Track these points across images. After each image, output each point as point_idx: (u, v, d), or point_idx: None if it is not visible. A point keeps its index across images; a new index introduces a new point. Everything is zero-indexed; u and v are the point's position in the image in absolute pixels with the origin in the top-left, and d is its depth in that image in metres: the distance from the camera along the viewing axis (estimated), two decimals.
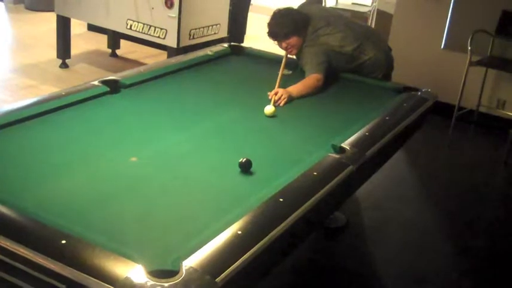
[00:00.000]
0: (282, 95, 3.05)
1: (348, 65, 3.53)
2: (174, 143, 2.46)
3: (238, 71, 3.64)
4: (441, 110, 3.77)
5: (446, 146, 5.03)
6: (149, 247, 1.69)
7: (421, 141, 4.65)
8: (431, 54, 5.49)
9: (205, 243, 1.66)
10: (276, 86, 3.16)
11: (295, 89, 3.20)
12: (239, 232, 1.75)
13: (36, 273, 1.55)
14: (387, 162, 3.04)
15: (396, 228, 3.61)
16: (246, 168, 2.22)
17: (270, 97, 3.03)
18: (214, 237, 1.70)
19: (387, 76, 3.68)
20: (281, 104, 3.02)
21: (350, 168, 2.30)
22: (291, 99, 3.10)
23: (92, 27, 6.78)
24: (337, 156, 2.36)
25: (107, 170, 2.15)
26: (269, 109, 2.84)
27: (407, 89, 3.39)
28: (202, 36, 5.06)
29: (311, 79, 3.30)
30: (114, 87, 2.92)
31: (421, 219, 3.79)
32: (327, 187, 2.13)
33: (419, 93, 3.33)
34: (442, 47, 5.45)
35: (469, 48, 4.89)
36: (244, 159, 2.21)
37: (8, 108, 2.55)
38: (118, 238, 1.71)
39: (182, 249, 1.65)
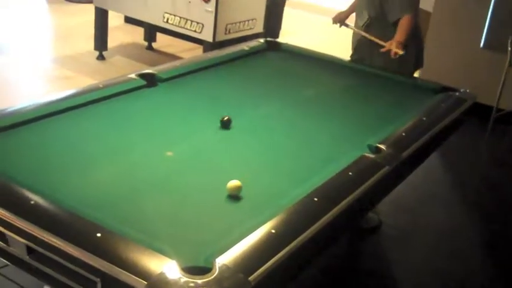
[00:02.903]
0: (395, 46, 3.36)
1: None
2: (209, 139, 2.47)
3: (274, 66, 3.62)
4: (479, 111, 3.70)
5: (484, 148, 4.94)
6: (183, 243, 1.70)
7: (458, 143, 4.57)
8: (470, 54, 5.39)
9: (239, 241, 1.66)
10: (383, 43, 3.46)
11: (401, 36, 3.44)
12: (273, 231, 1.74)
13: (71, 266, 1.57)
14: (423, 163, 3.00)
15: (428, 232, 3.56)
16: (226, 125, 2.51)
17: (384, 50, 3.40)
18: (248, 235, 1.69)
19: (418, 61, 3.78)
20: (399, 53, 3.37)
21: (386, 169, 2.28)
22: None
23: (129, 20, 6.83)
24: (372, 156, 2.33)
25: (143, 164, 2.16)
26: (233, 183, 2.01)
27: (445, 89, 3.33)
28: (238, 31, 5.06)
29: (408, 22, 3.48)
30: (150, 80, 2.93)
31: (454, 223, 3.74)
32: (362, 187, 2.11)
33: (457, 93, 3.27)
34: (481, 46, 5.35)
35: (509, 48, 4.78)
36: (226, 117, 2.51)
37: (47, 99, 2.58)
38: (152, 233, 1.72)
39: (215, 246, 1.65)
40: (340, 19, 3.93)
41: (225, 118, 2.53)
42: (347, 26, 3.92)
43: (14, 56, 5.72)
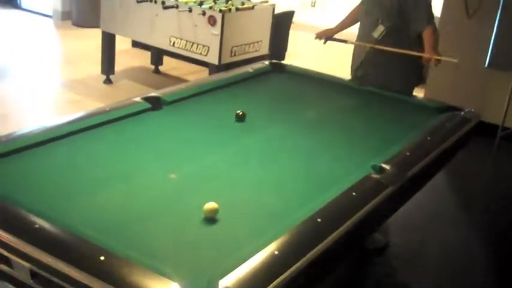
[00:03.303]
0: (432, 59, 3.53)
1: None
2: (213, 161, 2.47)
3: (278, 88, 3.64)
4: (485, 130, 3.70)
5: (490, 167, 4.93)
6: (186, 265, 1.70)
7: (464, 162, 4.55)
8: (475, 73, 5.39)
9: (242, 263, 1.66)
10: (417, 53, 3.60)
11: (433, 48, 3.58)
12: (276, 252, 1.74)
13: None
14: (429, 182, 2.99)
15: (436, 251, 3.54)
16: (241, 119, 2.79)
17: (426, 59, 3.55)
18: (251, 256, 1.69)
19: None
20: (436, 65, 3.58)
21: (390, 189, 2.28)
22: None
23: (136, 44, 6.90)
24: (376, 176, 2.33)
25: (147, 186, 2.17)
26: (210, 205, 1.97)
27: (449, 108, 3.34)
28: (243, 53, 5.09)
29: (432, 34, 3.63)
30: (156, 103, 2.95)
31: (462, 242, 3.71)
32: (366, 208, 2.11)
33: (462, 113, 3.28)
34: (485, 65, 5.35)
35: None
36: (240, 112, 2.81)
37: (52, 123, 2.60)
38: (155, 255, 1.72)
39: (218, 268, 1.65)
40: (327, 35, 3.97)
41: (240, 113, 2.86)
42: (345, 42, 3.94)
43: (22, 80, 5.78)
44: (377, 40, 3.71)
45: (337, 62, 6.97)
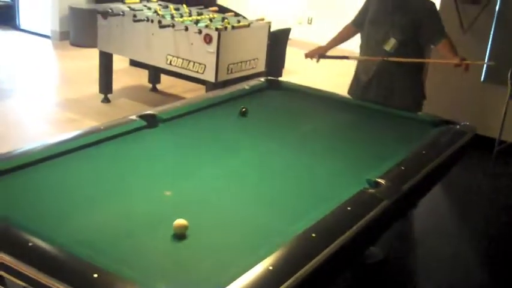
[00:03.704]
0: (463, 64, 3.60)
1: None
2: (208, 177, 2.48)
3: (274, 104, 3.65)
4: (482, 143, 3.71)
5: (488, 180, 4.93)
6: (179, 282, 1.70)
7: (462, 175, 4.57)
8: (471, 88, 5.42)
9: (236, 279, 1.65)
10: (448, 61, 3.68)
11: (456, 55, 3.64)
12: (270, 268, 1.74)
13: None
14: (426, 196, 2.99)
15: (437, 265, 3.53)
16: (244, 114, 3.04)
17: (457, 65, 3.60)
18: (245, 272, 1.69)
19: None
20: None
21: (385, 202, 2.28)
22: None
23: (133, 63, 6.93)
24: (371, 190, 2.34)
25: (141, 203, 2.17)
26: (180, 222, 1.96)
27: (445, 122, 3.35)
28: (240, 71, 5.12)
29: (449, 45, 3.69)
30: (151, 121, 2.96)
31: (460, 255, 3.70)
32: (361, 222, 2.11)
33: (457, 126, 3.29)
34: (481, 80, 5.38)
35: (510, 81, 4.81)
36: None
37: (47, 142, 2.61)
38: (148, 272, 1.72)
39: (213, 284, 1.65)
40: (319, 53, 3.98)
41: (243, 109, 3.18)
42: (346, 58, 3.96)
43: (19, 99, 5.81)
44: (389, 53, 3.72)
45: (334, 77, 7.01)
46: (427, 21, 3.69)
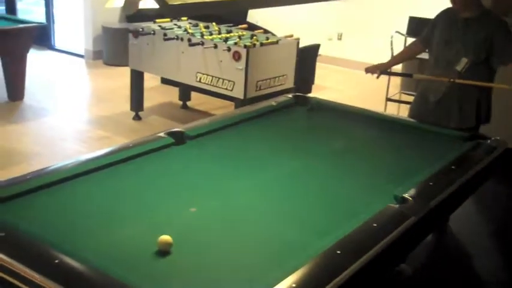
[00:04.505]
0: None
1: None
2: (235, 194, 2.49)
3: (301, 120, 3.66)
4: None
5: None
6: None
7: (495, 190, 4.48)
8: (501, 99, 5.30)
9: None
10: None
11: None
12: (294, 285, 1.73)
13: None
14: (460, 212, 2.94)
15: (469, 284, 3.46)
16: None
17: None
18: None
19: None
20: None
21: (412, 219, 2.25)
22: None
23: (165, 81, 7.00)
24: (398, 206, 2.31)
25: (166, 220, 2.19)
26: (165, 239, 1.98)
27: (475, 136, 3.30)
28: (268, 87, 5.13)
29: None
30: (179, 138, 2.99)
31: (494, 271, 3.62)
32: (387, 239, 2.09)
33: (488, 141, 3.24)
34: None
35: None
36: None
37: (78, 159, 2.66)
38: None
39: None
40: (379, 69, 3.97)
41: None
42: (410, 76, 3.96)
43: (54, 118, 5.92)
44: (460, 73, 3.67)
45: (364, 93, 6.99)
46: (502, 40, 3.61)
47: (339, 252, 1.94)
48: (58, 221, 2.13)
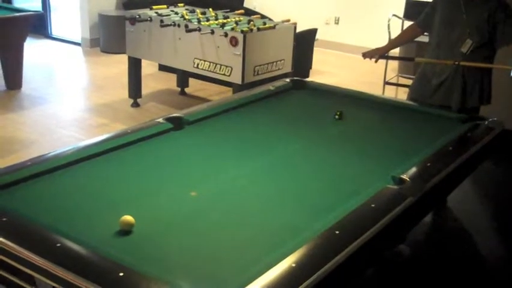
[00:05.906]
0: None
1: None
2: (234, 177, 2.51)
3: (299, 104, 3.67)
4: None
5: None
6: (203, 281, 1.73)
7: (491, 171, 4.51)
8: (501, 82, 5.32)
9: (260, 276, 1.68)
10: None
11: None
12: (293, 265, 1.75)
13: None
14: (457, 192, 2.96)
15: (469, 263, 3.49)
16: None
17: None
18: (269, 269, 1.71)
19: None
20: None
21: (409, 200, 2.27)
22: None
23: (162, 67, 7.01)
24: (395, 187, 2.33)
25: (167, 204, 2.21)
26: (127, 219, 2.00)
27: (472, 118, 3.32)
28: (266, 72, 5.14)
29: None
30: (177, 124, 3.00)
31: (491, 251, 3.66)
32: (385, 219, 2.11)
33: (485, 122, 3.25)
34: (511, 74, 5.28)
35: None
36: None
37: (77, 146, 2.68)
38: (173, 270, 1.75)
39: (236, 282, 1.67)
40: (377, 54, 3.96)
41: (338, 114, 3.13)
42: (411, 60, 3.95)
43: (51, 106, 5.92)
44: (465, 55, 3.66)
45: (361, 77, 7.00)
46: (504, 21, 3.59)
47: (337, 232, 1.97)
48: (59, 205, 2.15)
